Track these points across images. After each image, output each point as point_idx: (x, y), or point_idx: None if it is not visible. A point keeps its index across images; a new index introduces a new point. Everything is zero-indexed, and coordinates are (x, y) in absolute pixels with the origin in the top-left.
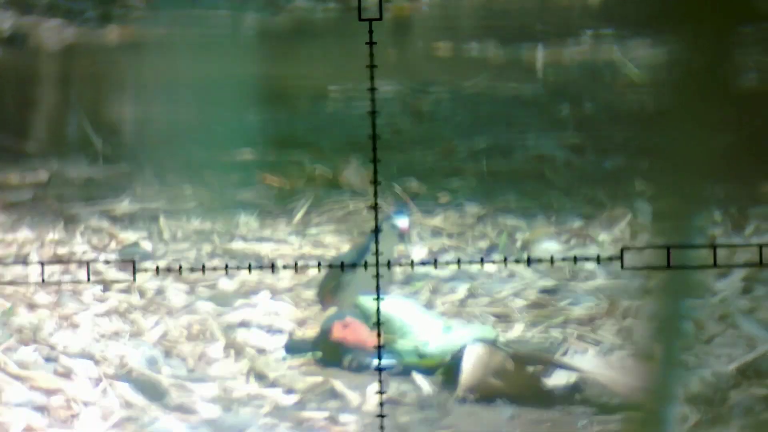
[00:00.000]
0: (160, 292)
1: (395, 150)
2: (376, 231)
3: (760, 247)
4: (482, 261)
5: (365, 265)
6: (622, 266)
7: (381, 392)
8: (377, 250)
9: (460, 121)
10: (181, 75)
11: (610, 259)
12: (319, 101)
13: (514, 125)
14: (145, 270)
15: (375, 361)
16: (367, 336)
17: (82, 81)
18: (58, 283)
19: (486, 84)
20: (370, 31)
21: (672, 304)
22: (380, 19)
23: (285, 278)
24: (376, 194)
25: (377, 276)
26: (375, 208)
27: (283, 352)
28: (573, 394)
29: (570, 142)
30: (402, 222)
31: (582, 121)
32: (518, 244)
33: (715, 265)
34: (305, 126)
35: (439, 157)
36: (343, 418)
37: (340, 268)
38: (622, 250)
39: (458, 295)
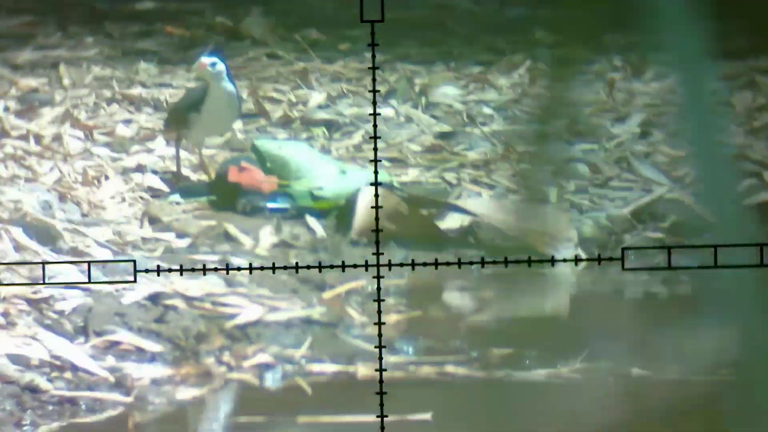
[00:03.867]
0: (56, 138)
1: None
2: (377, 230)
3: (761, 246)
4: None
5: (366, 266)
6: (623, 267)
7: (382, 393)
8: (378, 249)
9: None
10: None
11: (611, 259)
12: None
13: None
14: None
15: (269, 205)
16: (262, 179)
17: None
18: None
19: None
20: (372, 33)
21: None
22: (382, 20)
23: None
24: (377, 196)
25: (378, 277)
26: (376, 208)
27: (177, 197)
28: (466, 237)
29: None
30: (205, 59)
31: None
32: (417, 89)
33: (715, 265)
34: None
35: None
36: (236, 260)
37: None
38: (623, 251)
39: (354, 140)
